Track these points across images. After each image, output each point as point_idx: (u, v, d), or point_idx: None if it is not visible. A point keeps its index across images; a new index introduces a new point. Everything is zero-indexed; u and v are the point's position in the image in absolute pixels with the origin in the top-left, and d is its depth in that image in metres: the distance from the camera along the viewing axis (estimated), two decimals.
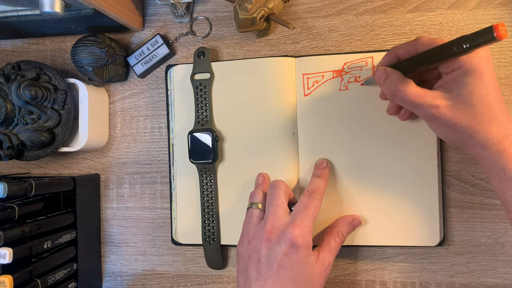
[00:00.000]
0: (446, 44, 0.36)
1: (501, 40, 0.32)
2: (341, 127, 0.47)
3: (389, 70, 0.39)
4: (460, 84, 0.36)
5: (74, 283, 0.49)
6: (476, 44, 0.34)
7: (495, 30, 0.32)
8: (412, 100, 0.37)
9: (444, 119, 0.37)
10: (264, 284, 0.39)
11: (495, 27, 0.32)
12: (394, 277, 0.48)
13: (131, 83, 0.53)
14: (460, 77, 0.36)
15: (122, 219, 0.53)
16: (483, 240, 0.46)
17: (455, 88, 0.37)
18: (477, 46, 0.34)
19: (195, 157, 0.49)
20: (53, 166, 0.55)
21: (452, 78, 0.37)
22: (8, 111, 0.47)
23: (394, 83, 0.38)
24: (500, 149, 0.36)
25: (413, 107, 0.39)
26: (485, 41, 0.33)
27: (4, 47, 0.56)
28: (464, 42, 0.34)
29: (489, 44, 0.33)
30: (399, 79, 0.38)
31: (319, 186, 0.44)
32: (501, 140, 0.36)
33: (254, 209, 0.44)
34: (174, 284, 0.52)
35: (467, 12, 0.47)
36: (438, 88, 0.38)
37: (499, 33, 0.32)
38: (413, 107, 0.39)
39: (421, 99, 0.37)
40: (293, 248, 0.39)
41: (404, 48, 0.40)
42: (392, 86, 0.38)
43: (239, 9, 0.45)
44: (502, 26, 0.32)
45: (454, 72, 0.37)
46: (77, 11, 0.45)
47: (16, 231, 0.41)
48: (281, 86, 0.48)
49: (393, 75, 0.39)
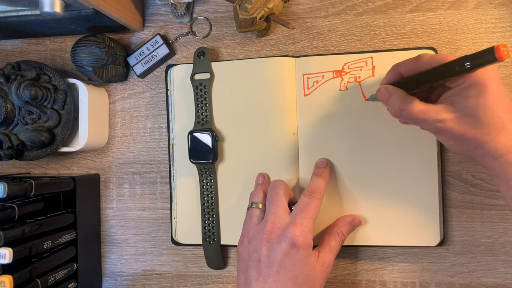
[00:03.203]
0: (448, 64, 0.36)
1: (502, 61, 0.32)
2: (341, 127, 0.47)
3: (391, 88, 0.39)
4: (464, 97, 0.36)
5: (74, 283, 0.49)
6: (477, 64, 0.34)
7: (496, 51, 0.32)
8: (417, 117, 0.37)
9: (450, 132, 0.37)
10: (264, 284, 0.39)
11: (496, 48, 0.32)
12: (394, 277, 0.48)
13: (131, 83, 0.53)
14: (464, 90, 0.36)
15: (122, 219, 0.53)
16: (483, 240, 0.46)
17: (459, 101, 0.37)
18: (479, 66, 0.34)
19: (195, 157, 0.49)
20: (53, 166, 0.55)
21: (456, 91, 0.37)
22: (8, 111, 0.47)
23: (397, 101, 0.38)
24: (509, 159, 0.36)
25: (418, 123, 0.39)
26: (486, 62, 0.33)
27: (4, 47, 0.56)
28: (466, 62, 0.34)
29: (490, 64, 0.33)
30: (402, 97, 0.38)
31: (319, 185, 0.44)
32: (510, 150, 0.36)
33: (255, 209, 0.44)
34: (174, 284, 0.52)
35: (467, 12, 0.47)
36: (443, 101, 0.38)
37: (500, 54, 0.32)
38: (418, 123, 0.39)
39: (426, 115, 0.37)
40: (294, 248, 0.39)
41: (406, 65, 0.40)
42: (396, 105, 0.39)
43: (239, 9, 0.45)
44: (504, 47, 0.32)
45: (459, 86, 0.37)
46: (77, 11, 0.45)
47: (16, 231, 0.41)
48: (281, 86, 0.48)
49: (395, 93, 0.39)
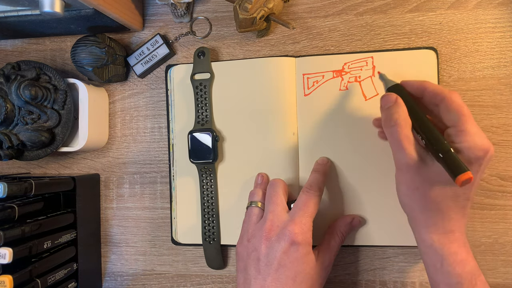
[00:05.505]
0: (439, 139, 0.36)
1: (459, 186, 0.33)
2: (341, 127, 0.47)
3: (401, 100, 0.38)
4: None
5: (74, 283, 0.49)
6: (445, 166, 0.34)
7: (457, 180, 0.33)
8: (400, 139, 0.37)
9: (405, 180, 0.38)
10: (263, 283, 0.39)
11: (458, 179, 0.33)
12: (394, 277, 0.48)
13: (131, 83, 0.53)
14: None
15: (122, 219, 0.53)
16: (483, 240, 0.46)
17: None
18: (445, 168, 0.34)
19: (195, 157, 0.49)
20: (53, 166, 0.55)
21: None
22: (8, 111, 0.47)
23: (397, 115, 0.37)
24: (442, 241, 0.37)
25: (394, 146, 0.38)
26: (451, 172, 0.34)
27: (4, 47, 0.56)
28: (439, 153, 0.35)
29: (451, 178, 0.34)
30: (403, 116, 0.37)
31: (318, 181, 0.44)
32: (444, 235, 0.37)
33: (254, 207, 0.44)
34: (174, 284, 0.52)
35: (467, 12, 0.47)
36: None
37: (459, 182, 0.33)
38: (394, 146, 0.38)
39: (404, 148, 0.36)
40: (293, 245, 0.39)
41: (412, 86, 0.39)
42: (394, 116, 0.37)
43: (239, 9, 0.45)
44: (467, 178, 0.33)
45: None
46: (77, 11, 0.45)
47: (16, 231, 0.41)
48: (281, 86, 0.48)
49: (401, 108, 0.38)
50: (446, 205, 0.36)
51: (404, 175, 0.38)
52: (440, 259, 0.36)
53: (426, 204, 0.37)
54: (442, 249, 0.36)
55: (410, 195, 0.37)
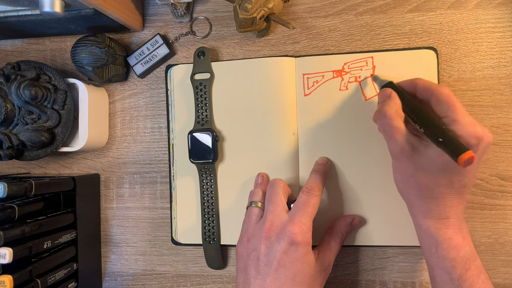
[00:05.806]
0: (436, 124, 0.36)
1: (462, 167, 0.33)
2: (341, 127, 0.47)
3: (395, 94, 0.39)
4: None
5: (74, 283, 0.49)
6: (445, 149, 0.34)
7: (459, 160, 0.33)
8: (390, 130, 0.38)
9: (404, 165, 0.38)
10: (263, 283, 0.39)
11: (459, 158, 0.33)
12: (394, 277, 0.48)
13: (131, 83, 0.53)
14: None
15: (122, 219, 0.53)
16: (483, 240, 0.46)
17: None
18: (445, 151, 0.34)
19: (195, 157, 0.49)
20: (53, 166, 0.55)
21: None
22: (8, 111, 0.47)
23: (390, 107, 0.38)
24: (437, 227, 0.37)
25: (387, 136, 0.39)
26: (451, 154, 0.34)
27: (4, 47, 0.56)
28: (440, 138, 0.35)
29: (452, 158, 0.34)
30: (396, 108, 0.38)
31: (318, 182, 0.44)
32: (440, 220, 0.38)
33: (254, 207, 0.44)
34: (174, 284, 0.52)
35: (467, 12, 0.47)
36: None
37: (462, 163, 0.33)
38: (387, 136, 0.39)
39: (397, 135, 0.37)
40: (292, 245, 0.39)
41: (404, 84, 0.41)
42: (385, 108, 0.39)
43: (239, 9, 0.45)
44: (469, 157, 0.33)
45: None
46: (77, 11, 0.45)
47: (16, 231, 0.41)
48: (281, 86, 0.48)
49: (392, 100, 0.39)
50: (440, 192, 0.37)
51: (398, 164, 0.39)
52: (435, 243, 0.37)
53: (420, 191, 0.38)
54: (437, 234, 0.38)
55: (405, 182, 0.39)
